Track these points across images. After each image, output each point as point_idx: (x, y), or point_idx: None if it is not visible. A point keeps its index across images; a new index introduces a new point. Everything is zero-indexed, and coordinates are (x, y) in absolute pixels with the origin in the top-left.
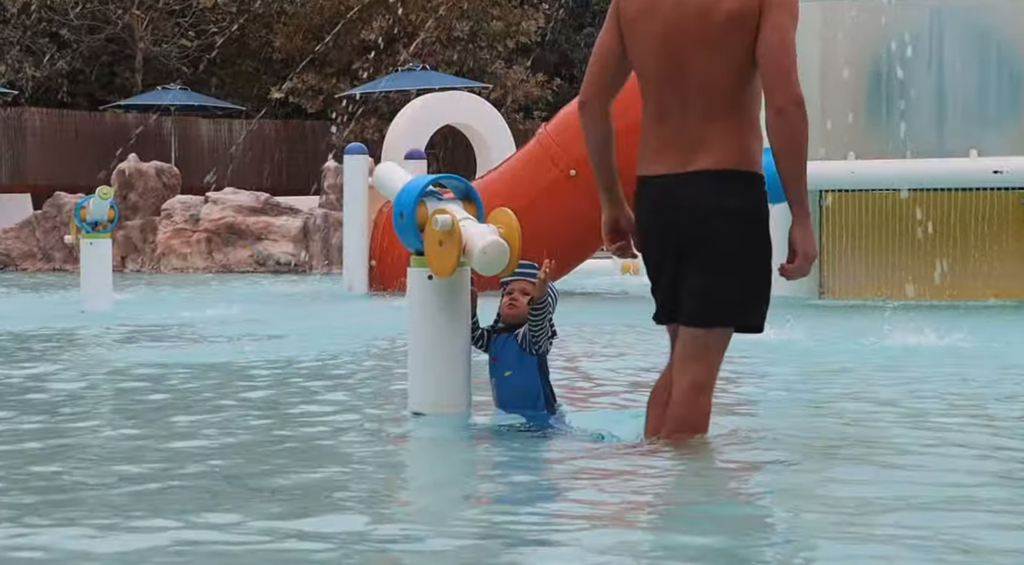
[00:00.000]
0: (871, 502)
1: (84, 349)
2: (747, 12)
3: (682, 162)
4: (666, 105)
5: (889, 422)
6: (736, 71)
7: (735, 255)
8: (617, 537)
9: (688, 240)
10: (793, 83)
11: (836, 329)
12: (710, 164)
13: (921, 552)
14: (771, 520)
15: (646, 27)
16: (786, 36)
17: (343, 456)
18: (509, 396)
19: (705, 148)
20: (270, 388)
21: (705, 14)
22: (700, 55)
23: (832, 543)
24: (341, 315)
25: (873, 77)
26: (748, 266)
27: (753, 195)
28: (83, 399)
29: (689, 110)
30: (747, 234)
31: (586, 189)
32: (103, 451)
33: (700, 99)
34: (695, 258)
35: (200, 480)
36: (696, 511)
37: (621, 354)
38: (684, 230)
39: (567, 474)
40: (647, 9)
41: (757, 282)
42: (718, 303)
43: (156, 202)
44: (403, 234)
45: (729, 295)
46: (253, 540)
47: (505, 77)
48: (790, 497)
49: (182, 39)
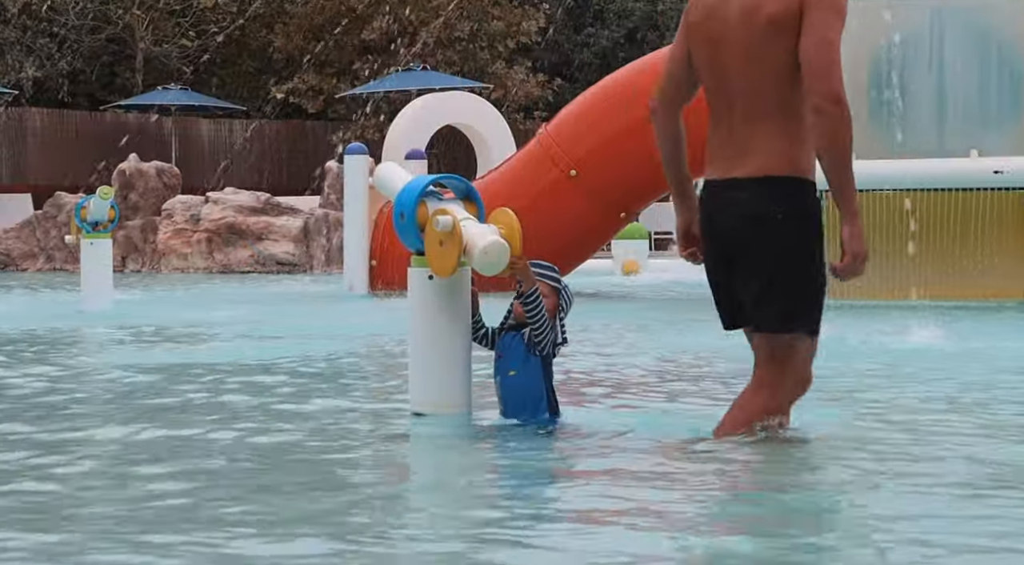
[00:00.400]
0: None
1: (84, 349)
2: (788, 15)
3: (729, 168)
4: (718, 111)
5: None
6: (781, 76)
7: (779, 261)
8: (617, 536)
9: (736, 246)
10: (831, 81)
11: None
12: (754, 170)
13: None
14: (768, 518)
15: (702, 34)
16: (825, 34)
17: (343, 456)
18: (512, 396)
19: (750, 154)
20: (270, 388)
21: (747, 20)
22: (744, 61)
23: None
24: (341, 315)
25: (873, 77)
26: (794, 271)
27: (799, 200)
28: (84, 398)
29: (736, 116)
30: (791, 239)
31: (586, 190)
32: (104, 450)
33: (745, 105)
34: (744, 264)
35: (198, 479)
36: (697, 511)
37: (622, 353)
38: (732, 236)
39: (568, 474)
40: (704, 17)
41: (804, 287)
42: (769, 308)
43: (157, 202)
44: (403, 234)
45: (776, 300)
46: (252, 539)
47: (506, 77)
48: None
49: (183, 39)
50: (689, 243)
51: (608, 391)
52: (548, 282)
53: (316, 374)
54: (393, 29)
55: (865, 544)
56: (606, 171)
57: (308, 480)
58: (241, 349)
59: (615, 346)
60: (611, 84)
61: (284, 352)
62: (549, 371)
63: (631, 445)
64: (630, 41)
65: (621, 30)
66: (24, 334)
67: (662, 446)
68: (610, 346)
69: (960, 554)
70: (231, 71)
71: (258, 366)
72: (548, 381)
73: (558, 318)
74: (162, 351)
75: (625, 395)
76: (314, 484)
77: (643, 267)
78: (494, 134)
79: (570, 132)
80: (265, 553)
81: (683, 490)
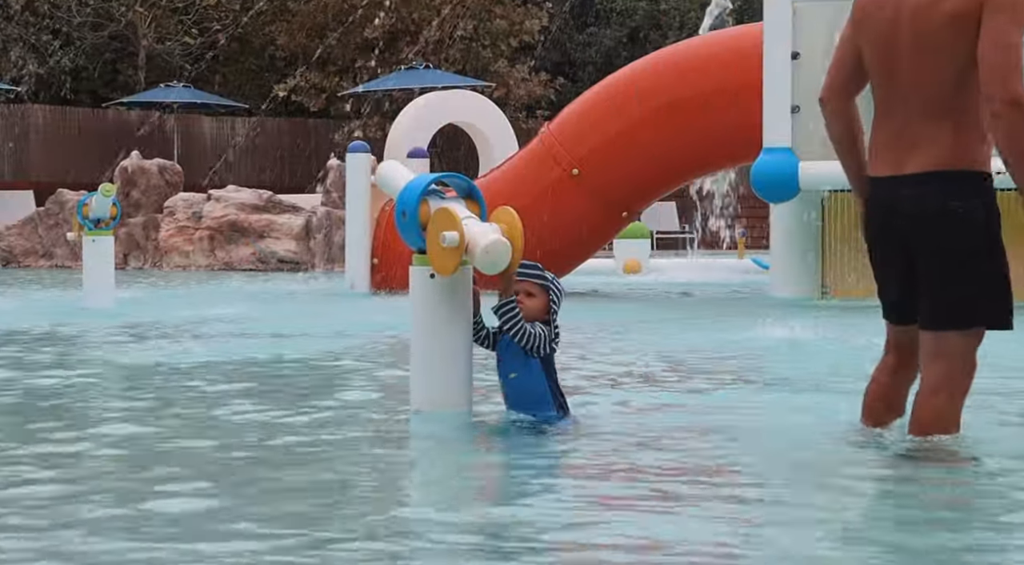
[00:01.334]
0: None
1: (85, 346)
2: (966, 13)
3: (900, 163)
4: (887, 105)
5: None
6: (954, 71)
7: (954, 257)
8: (619, 537)
9: (909, 242)
10: (1009, 84)
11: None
12: (925, 165)
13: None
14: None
15: (871, 26)
16: (1003, 38)
17: (344, 454)
18: (515, 398)
19: (921, 149)
20: (271, 386)
21: (922, 15)
22: (917, 55)
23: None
24: (343, 313)
25: None
26: (970, 267)
27: (972, 195)
28: (84, 396)
29: (907, 110)
30: (965, 235)
31: (588, 189)
32: (104, 448)
33: (920, 100)
34: (918, 260)
35: (198, 479)
36: (700, 509)
37: (622, 353)
38: (905, 232)
39: (569, 473)
40: (874, 9)
41: (983, 281)
42: (942, 305)
43: (159, 199)
44: (405, 232)
45: (949, 297)
46: (252, 537)
47: (508, 76)
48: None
49: (185, 36)
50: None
51: (608, 391)
52: (535, 282)
53: (317, 372)
54: (396, 28)
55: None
56: (608, 170)
57: (307, 477)
58: (242, 347)
59: (615, 346)
60: (613, 83)
61: (285, 350)
62: (551, 370)
63: (631, 444)
64: (632, 40)
65: (624, 29)
66: (25, 331)
67: (664, 444)
68: (611, 346)
69: None
70: (234, 69)
71: (259, 364)
72: (551, 380)
73: (551, 314)
74: (163, 349)
75: (625, 394)
76: (313, 481)
77: (644, 267)
78: (496, 133)
79: (572, 131)
80: (265, 552)
81: (687, 489)
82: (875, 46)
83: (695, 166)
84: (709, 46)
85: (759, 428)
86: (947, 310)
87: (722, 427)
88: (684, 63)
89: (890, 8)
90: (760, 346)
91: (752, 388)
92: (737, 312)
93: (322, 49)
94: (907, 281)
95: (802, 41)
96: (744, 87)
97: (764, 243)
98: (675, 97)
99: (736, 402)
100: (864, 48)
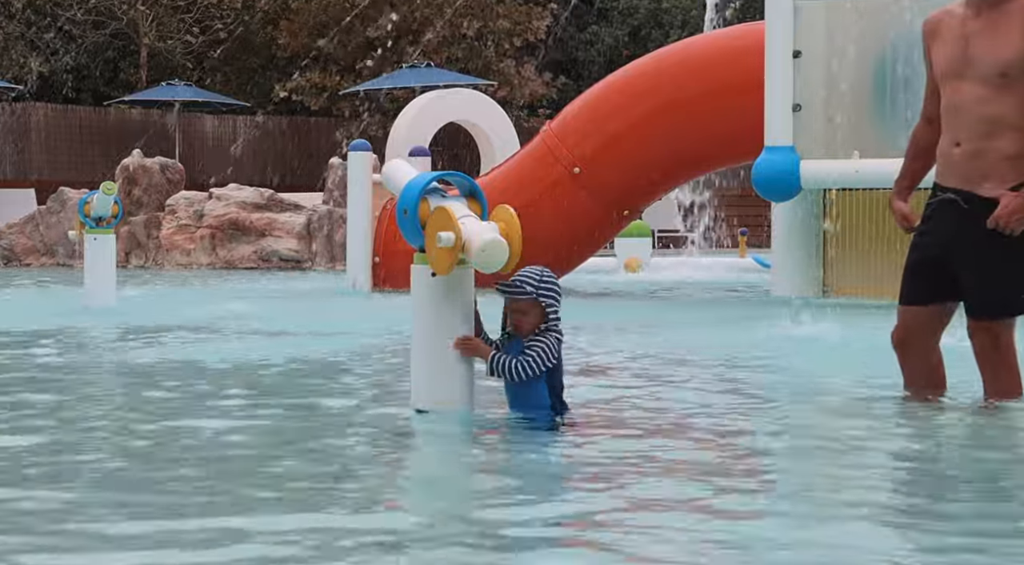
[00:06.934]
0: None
1: (87, 345)
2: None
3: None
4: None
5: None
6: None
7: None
8: (618, 536)
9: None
10: None
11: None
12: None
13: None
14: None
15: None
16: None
17: (345, 452)
18: (516, 403)
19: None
20: (272, 384)
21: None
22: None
23: None
24: (344, 311)
25: (877, 75)
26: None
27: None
28: (84, 395)
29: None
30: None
31: (590, 187)
32: (103, 447)
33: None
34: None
35: (197, 474)
36: (700, 508)
37: (623, 353)
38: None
39: (569, 472)
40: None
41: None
42: (992, 296)
43: (160, 198)
44: (407, 231)
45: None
46: (251, 536)
47: (510, 75)
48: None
49: (187, 35)
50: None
51: (608, 390)
52: (520, 299)
53: (318, 370)
54: (399, 26)
55: None
56: (609, 169)
57: (307, 475)
58: (243, 345)
59: (616, 345)
60: (615, 82)
61: (287, 348)
62: (555, 376)
63: (632, 444)
64: (634, 39)
65: (626, 28)
66: (27, 330)
67: (666, 443)
68: (611, 345)
69: None
70: (236, 67)
71: (260, 362)
72: (552, 389)
73: (550, 319)
74: (164, 347)
75: (626, 393)
76: (313, 480)
77: (646, 265)
78: (498, 131)
79: (574, 130)
80: (263, 550)
81: (688, 486)
82: (942, 68)
83: (697, 164)
84: (711, 45)
85: (762, 426)
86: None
87: (725, 426)
88: (686, 61)
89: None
90: (760, 345)
91: (752, 387)
92: (737, 311)
93: (324, 47)
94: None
95: (804, 40)
96: (745, 85)
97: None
98: (677, 95)
99: (736, 402)
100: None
